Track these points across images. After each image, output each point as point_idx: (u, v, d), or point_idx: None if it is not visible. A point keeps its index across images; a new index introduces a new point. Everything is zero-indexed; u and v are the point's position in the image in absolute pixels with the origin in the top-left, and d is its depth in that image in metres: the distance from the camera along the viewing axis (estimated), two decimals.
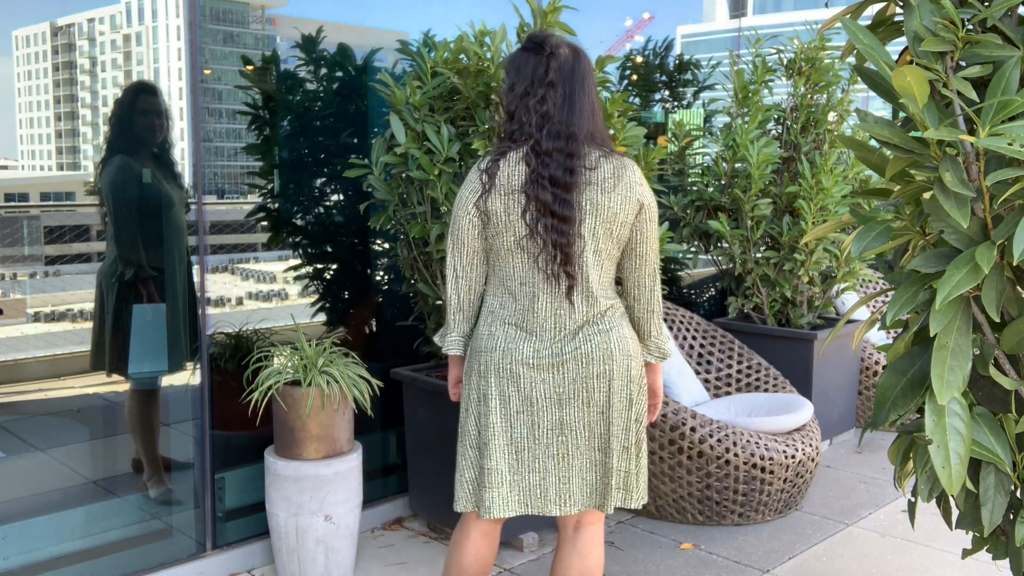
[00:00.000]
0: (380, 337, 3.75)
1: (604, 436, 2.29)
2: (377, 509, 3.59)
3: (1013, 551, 1.91)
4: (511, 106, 2.24)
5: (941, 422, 1.67)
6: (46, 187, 3.24)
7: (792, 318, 4.63)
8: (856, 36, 1.69)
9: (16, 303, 3.04)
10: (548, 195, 2.16)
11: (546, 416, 2.25)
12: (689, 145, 4.79)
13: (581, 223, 2.20)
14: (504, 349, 2.25)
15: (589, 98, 2.24)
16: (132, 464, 3.17)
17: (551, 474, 2.27)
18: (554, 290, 2.24)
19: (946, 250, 1.70)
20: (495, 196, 2.20)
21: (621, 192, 2.22)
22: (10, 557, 2.84)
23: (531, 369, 2.23)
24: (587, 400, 2.26)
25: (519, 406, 2.25)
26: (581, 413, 2.26)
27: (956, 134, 1.58)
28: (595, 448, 2.30)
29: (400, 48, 3.66)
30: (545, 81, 2.20)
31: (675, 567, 3.27)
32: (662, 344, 2.40)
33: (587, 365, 2.24)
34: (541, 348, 2.24)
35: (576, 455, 2.28)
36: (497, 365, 2.25)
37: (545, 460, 2.26)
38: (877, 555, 3.39)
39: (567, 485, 2.28)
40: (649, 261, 2.32)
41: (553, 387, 2.24)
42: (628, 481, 2.33)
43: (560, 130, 2.19)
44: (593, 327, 2.26)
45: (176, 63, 3.15)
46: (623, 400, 2.29)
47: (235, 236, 3.47)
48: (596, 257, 2.24)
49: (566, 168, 2.17)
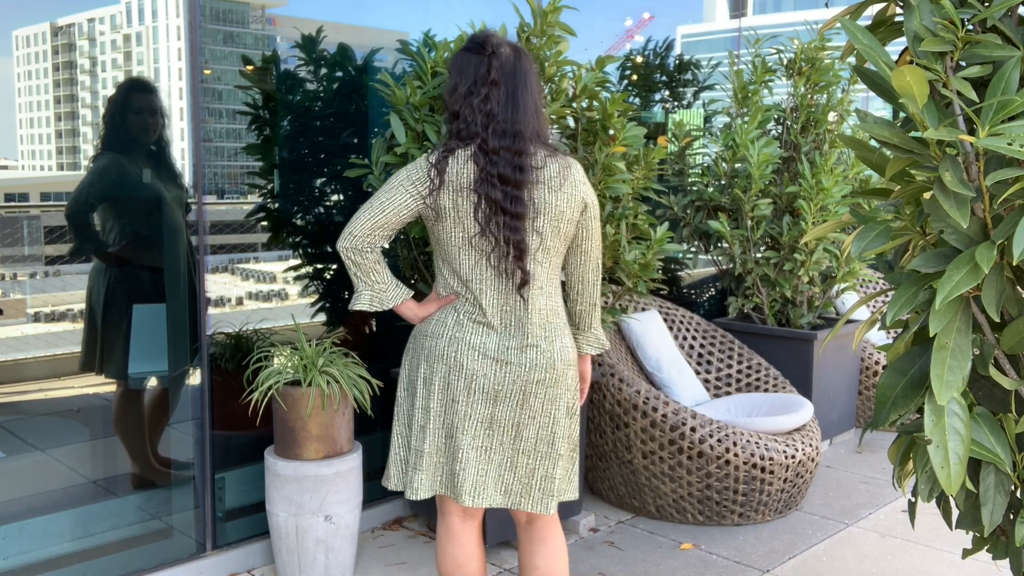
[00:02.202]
0: (380, 337, 3.75)
1: (532, 440, 2.31)
2: (377, 509, 3.59)
3: (1013, 551, 1.91)
4: (455, 106, 2.27)
5: (940, 422, 1.67)
6: (46, 187, 3.24)
7: (792, 318, 4.63)
8: (855, 36, 1.69)
9: (16, 303, 3.04)
10: (499, 193, 2.20)
11: (479, 408, 2.29)
12: (689, 145, 4.79)
13: (533, 220, 2.24)
14: (451, 337, 2.29)
15: (532, 96, 2.27)
16: (132, 480, 3.15)
17: (471, 465, 2.29)
18: (503, 287, 2.27)
19: (946, 250, 1.70)
20: (445, 193, 2.23)
21: (567, 191, 2.27)
22: (10, 557, 2.84)
23: (473, 361, 2.27)
24: (521, 402, 2.29)
25: (456, 395, 2.28)
26: (513, 413, 2.30)
27: (956, 134, 1.58)
28: (519, 450, 2.32)
29: (400, 48, 3.66)
30: (488, 80, 2.22)
31: (675, 567, 3.27)
32: (600, 336, 2.50)
33: (529, 369, 2.28)
34: (487, 342, 2.27)
35: (499, 451, 2.31)
36: (442, 352, 2.29)
37: (468, 451, 2.29)
38: (877, 555, 3.39)
39: (483, 479, 2.31)
40: (592, 257, 2.39)
41: (493, 382, 2.27)
42: (549, 486, 2.33)
43: (506, 128, 2.22)
44: (540, 330, 2.30)
45: (176, 63, 3.15)
46: (559, 408, 2.32)
47: (235, 236, 3.47)
48: (545, 255, 2.29)
49: (515, 166, 2.21)
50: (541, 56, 3.13)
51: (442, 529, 2.44)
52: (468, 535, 2.41)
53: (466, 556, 2.41)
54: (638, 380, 3.62)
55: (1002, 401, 1.79)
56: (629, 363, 4.06)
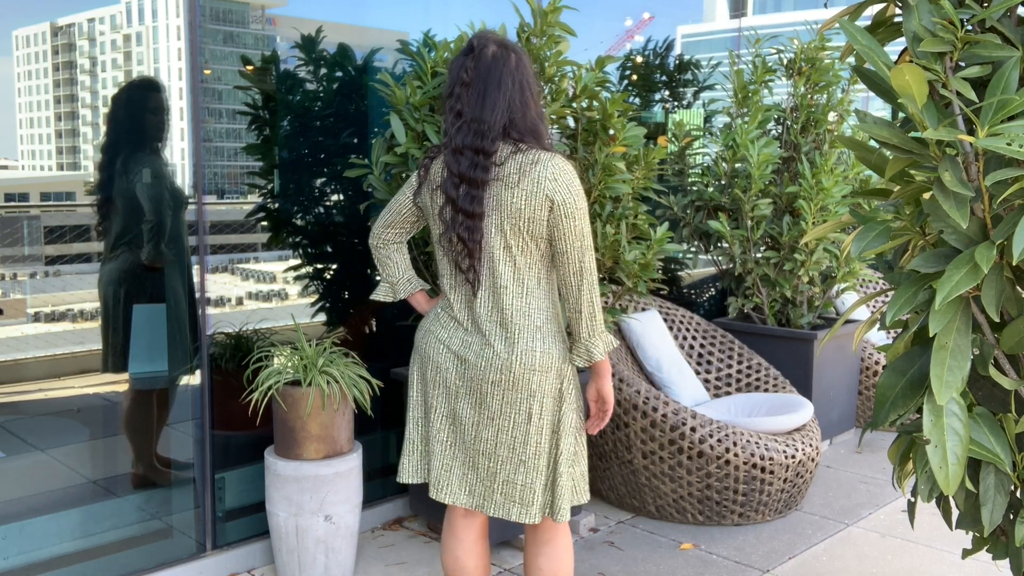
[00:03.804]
0: (380, 337, 3.75)
1: (492, 443, 2.27)
2: (377, 509, 3.60)
3: (1013, 551, 1.91)
4: (443, 107, 2.35)
5: (939, 422, 1.67)
6: (46, 187, 3.24)
7: (792, 318, 4.63)
8: (854, 37, 1.69)
9: (16, 303, 3.04)
10: (456, 192, 2.23)
11: (442, 402, 2.34)
12: (689, 145, 4.79)
13: (487, 219, 2.22)
14: (427, 330, 2.37)
15: (505, 95, 2.22)
16: (132, 480, 3.16)
17: (436, 458, 2.37)
18: (465, 285, 2.31)
19: (946, 250, 1.70)
20: (425, 192, 2.33)
21: (526, 187, 2.19)
22: (10, 557, 2.84)
23: (438, 354, 2.33)
24: (479, 401, 2.27)
25: (427, 386, 2.37)
26: (472, 411, 2.29)
27: (955, 134, 1.58)
28: (479, 451, 2.29)
29: (400, 48, 3.66)
30: (461, 81, 2.25)
31: (675, 567, 3.27)
32: (591, 348, 2.33)
33: (484, 369, 2.25)
34: (452, 337, 2.32)
35: (461, 448, 2.33)
36: (419, 344, 2.40)
37: (434, 443, 2.37)
38: (877, 555, 3.39)
39: (447, 474, 2.33)
40: (572, 260, 2.25)
41: (453, 377, 2.31)
42: (524, 495, 2.27)
43: (472, 127, 2.22)
44: (500, 330, 2.26)
45: (176, 63, 3.15)
46: (520, 413, 2.25)
47: (235, 236, 3.47)
48: (507, 253, 2.24)
49: (473, 164, 2.21)
50: (541, 56, 3.14)
51: (445, 525, 2.48)
52: (468, 531, 2.43)
53: (465, 552, 2.42)
54: (638, 380, 3.62)
55: (1002, 401, 1.79)
56: (629, 363, 4.06)
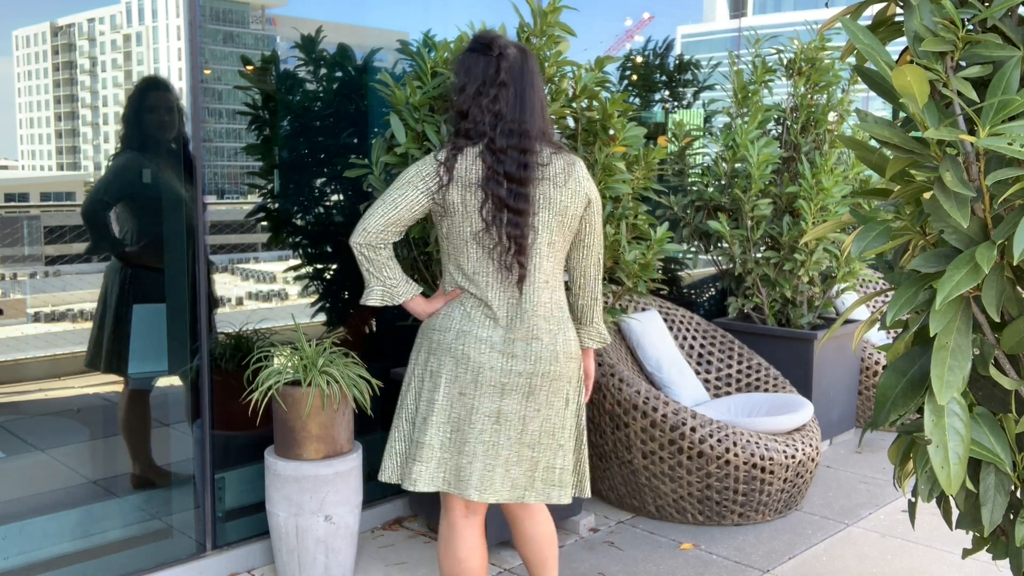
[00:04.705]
0: (380, 337, 3.75)
1: (537, 432, 2.35)
2: (377, 509, 3.59)
3: (1013, 551, 1.91)
4: (463, 105, 2.33)
5: (940, 422, 1.67)
6: (46, 187, 3.24)
7: (792, 318, 4.63)
8: (856, 36, 1.69)
9: (16, 303, 3.04)
10: (503, 191, 2.27)
11: (486, 402, 2.31)
12: (689, 145, 4.79)
13: (535, 216, 2.32)
14: (459, 331, 2.33)
15: (539, 96, 2.36)
16: (132, 480, 3.16)
17: (478, 459, 2.31)
18: (506, 281, 2.33)
19: (946, 250, 1.70)
20: (454, 189, 2.30)
21: (571, 187, 2.35)
22: (10, 557, 2.84)
23: (481, 354, 2.31)
24: (528, 394, 2.33)
25: (464, 388, 2.31)
26: (519, 406, 2.33)
27: (956, 134, 1.58)
28: (525, 444, 2.35)
29: (400, 48, 3.66)
30: (497, 81, 2.30)
31: (675, 567, 3.27)
32: (602, 330, 2.57)
33: (535, 362, 2.33)
34: (494, 335, 2.32)
35: (505, 446, 2.33)
36: (450, 345, 2.32)
37: (475, 444, 2.31)
38: (877, 555, 3.39)
39: (490, 473, 2.33)
40: (594, 252, 2.47)
41: (500, 376, 2.31)
42: (563, 477, 2.40)
43: (513, 128, 2.30)
44: (544, 324, 2.35)
45: (176, 63, 3.15)
46: (562, 400, 2.39)
47: (235, 236, 3.47)
48: (551, 248, 2.37)
49: (520, 164, 2.29)
50: (541, 56, 3.13)
51: (444, 526, 2.45)
52: (470, 530, 2.43)
53: (468, 552, 2.42)
54: (638, 380, 3.62)
55: (1002, 401, 1.79)
56: (629, 363, 4.06)
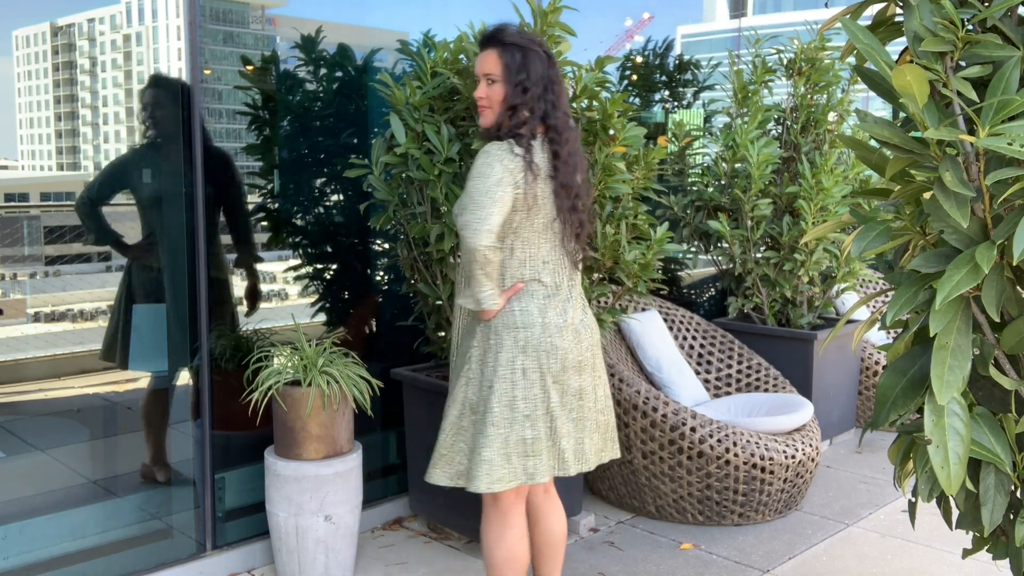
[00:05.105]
0: (380, 337, 3.75)
1: (603, 398, 2.58)
2: (377, 509, 3.59)
3: (1013, 551, 1.90)
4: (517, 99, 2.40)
5: (940, 422, 1.67)
6: (46, 187, 3.24)
7: (792, 318, 4.63)
8: (856, 36, 1.69)
9: (16, 303, 3.04)
10: (573, 180, 2.43)
11: (572, 382, 2.45)
12: (689, 145, 4.79)
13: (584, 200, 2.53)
14: (543, 324, 2.42)
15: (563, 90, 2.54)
16: (142, 470, 3.16)
17: (571, 437, 2.46)
18: (566, 266, 2.49)
19: (946, 250, 1.70)
20: (537, 182, 2.39)
21: None
22: (10, 557, 2.84)
23: (564, 340, 2.43)
24: (592, 365, 2.54)
25: (556, 375, 2.42)
26: (591, 378, 2.52)
27: (956, 134, 1.58)
28: (599, 410, 2.56)
29: (400, 48, 3.66)
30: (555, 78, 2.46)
31: (675, 567, 3.27)
32: None
33: (591, 335, 2.53)
34: (566, 321, 2.45)
35: (589, 417, 2.51)
36: (537, 340, 2.40)
37: (568, 424, 2.45)
38: (877, 555, 3.39)
39: (581, 445, 2.49)
40: None
41: (577, 356, 2.46)
42: (615, 433, 2.66)
43: (564, 121, 2.45)
44: (582, 301, 2.56)
45: (176, 63, 3.15)
46: (603, 364, 2.62)
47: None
48: None
49: (572, 152, 2.45)
50: None
51: (495, 516, 2.50)
52: (521, 517, 2.53)
53: (518, 538, 2.51)
54: (638, 380, 3.62)
55: (1002, 401, 1.79)
56: (629, 363, 4.06)
